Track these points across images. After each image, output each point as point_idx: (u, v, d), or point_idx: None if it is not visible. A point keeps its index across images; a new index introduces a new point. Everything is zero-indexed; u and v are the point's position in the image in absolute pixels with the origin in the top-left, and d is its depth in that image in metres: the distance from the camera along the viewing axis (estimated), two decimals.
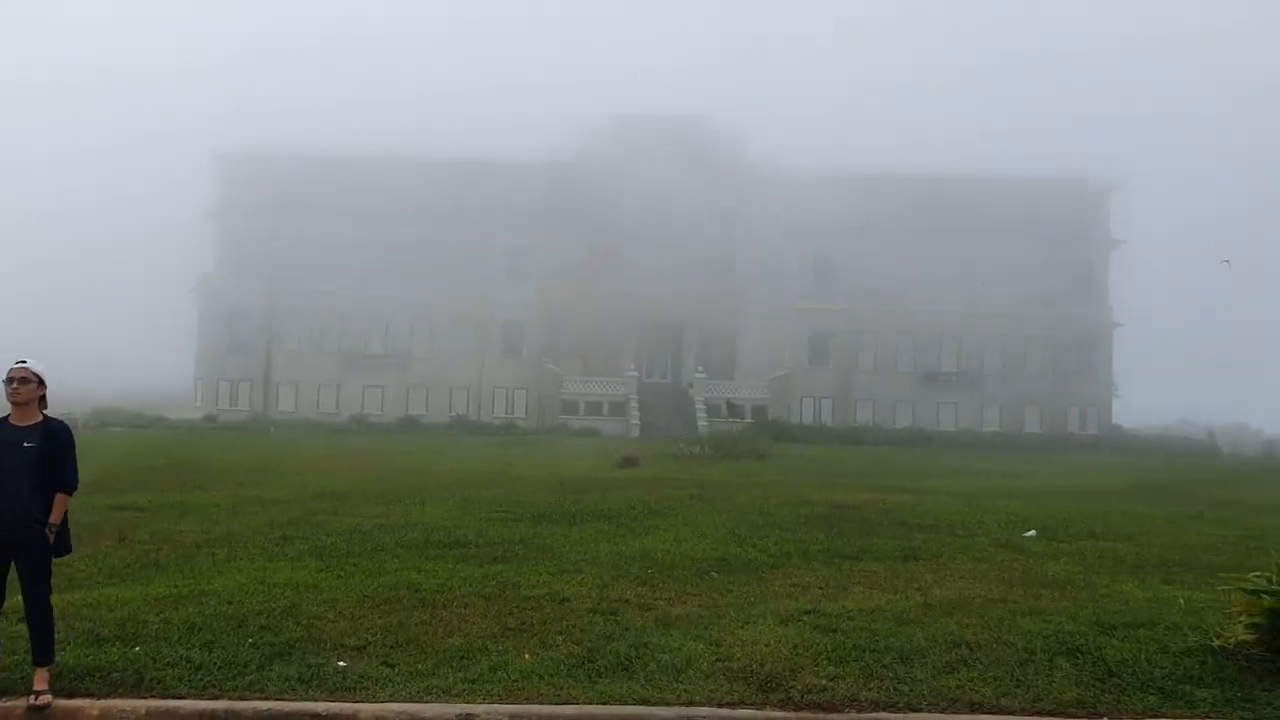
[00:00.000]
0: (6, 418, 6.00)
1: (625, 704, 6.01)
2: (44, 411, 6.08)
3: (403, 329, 57.58)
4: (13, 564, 5.94)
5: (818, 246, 57.67)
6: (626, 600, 8.40)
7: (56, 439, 6.03)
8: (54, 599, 7.64)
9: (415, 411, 54.97)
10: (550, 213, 57.69)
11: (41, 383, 6.03)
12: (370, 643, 7.07)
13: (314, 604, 8.08)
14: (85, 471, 15.92)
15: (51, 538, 5.95)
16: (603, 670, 6.57)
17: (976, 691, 6.28)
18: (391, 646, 7.00)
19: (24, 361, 6.00)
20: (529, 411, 54.89)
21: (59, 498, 6.01)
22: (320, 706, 5.89)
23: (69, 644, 6.69)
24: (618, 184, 55.75)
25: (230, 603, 8.00)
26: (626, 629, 7.51)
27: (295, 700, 5.96)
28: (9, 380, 5.94)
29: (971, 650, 7.06)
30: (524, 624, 7.62)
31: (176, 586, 8.64)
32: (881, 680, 6.43)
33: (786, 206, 56.91)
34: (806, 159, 75.60)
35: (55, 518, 5.96)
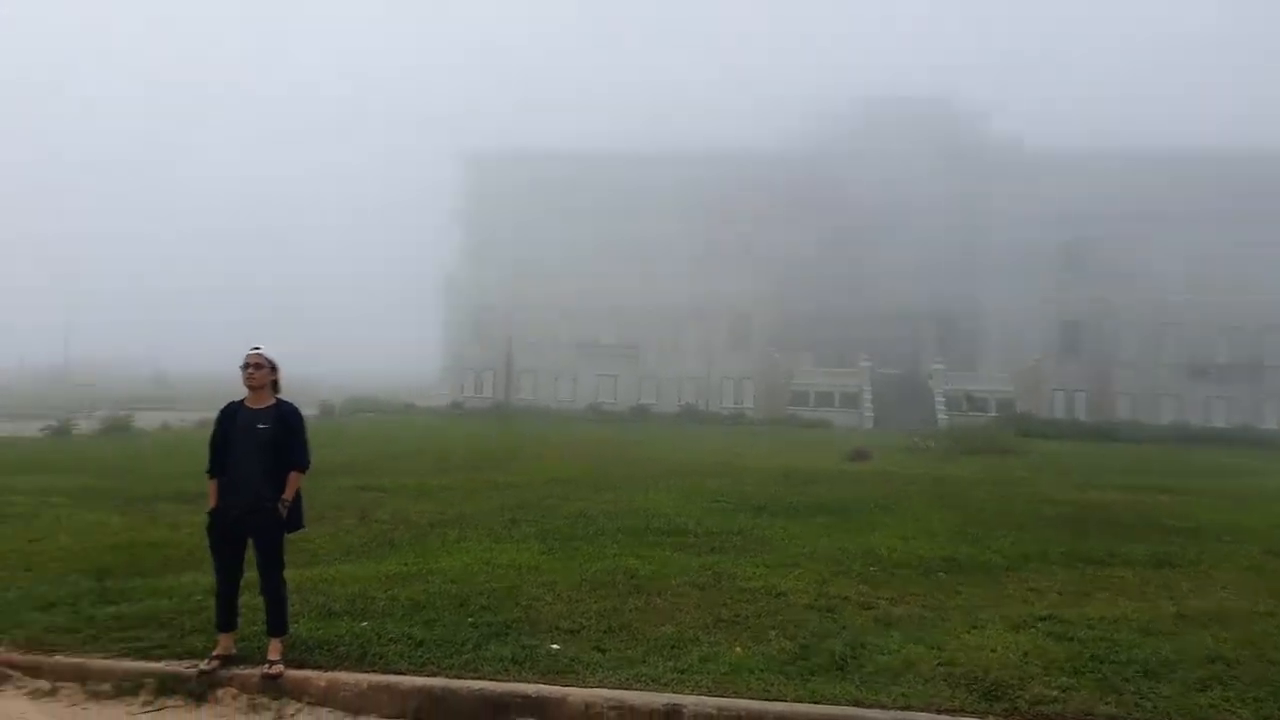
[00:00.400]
0: (243, 401, 6.34)
1: (837, 704, 5.73)
2: (277, 396, 6.39)
3: (636, 320, 58.55)
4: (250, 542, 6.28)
5: (1069, 230, 54.53)
6: (846, 597, 8.08)
7: (287, 421, 6.31)
8: (295, 574, 8.10)
9: (646, 400, 55.80)
10: (784, 202, 57.21)
11: (274, 368, 6.34)
12: (584, 627, 7.08)
13: (534, 585, 8.20)
14: (337, 455, 17.00)
15: (284, 514, 6.24)
16: (816, 668, 6.31)
17: (1232, 712, 5.63)
18: (605, 631, 6.99)
19: (258, 348, 6.33)
20: (757, 402, 54.62)
21: (292, 475, 6.30)
22: (531, 689, 5.92)
23: (303, 617, 7.04)
24: (856, 169, 54.64)
25: (454, 582, 8.22)
26: (844, 627, 7.21)
27: (508, 681, 6.01)
28: (245, 365, 6.27)
29: (1229, 667, 6.36)
30: (737, 616, 7.45)
31: (406, 565, 8.97)
32: (1121, 694, 5.87)
33: (1035, 188, 54.14)
34: (1056, 137, 71.54)
35: (288, 494, 6.26)
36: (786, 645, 6.75)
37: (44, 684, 6.09)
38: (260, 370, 6.27)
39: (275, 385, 6.39)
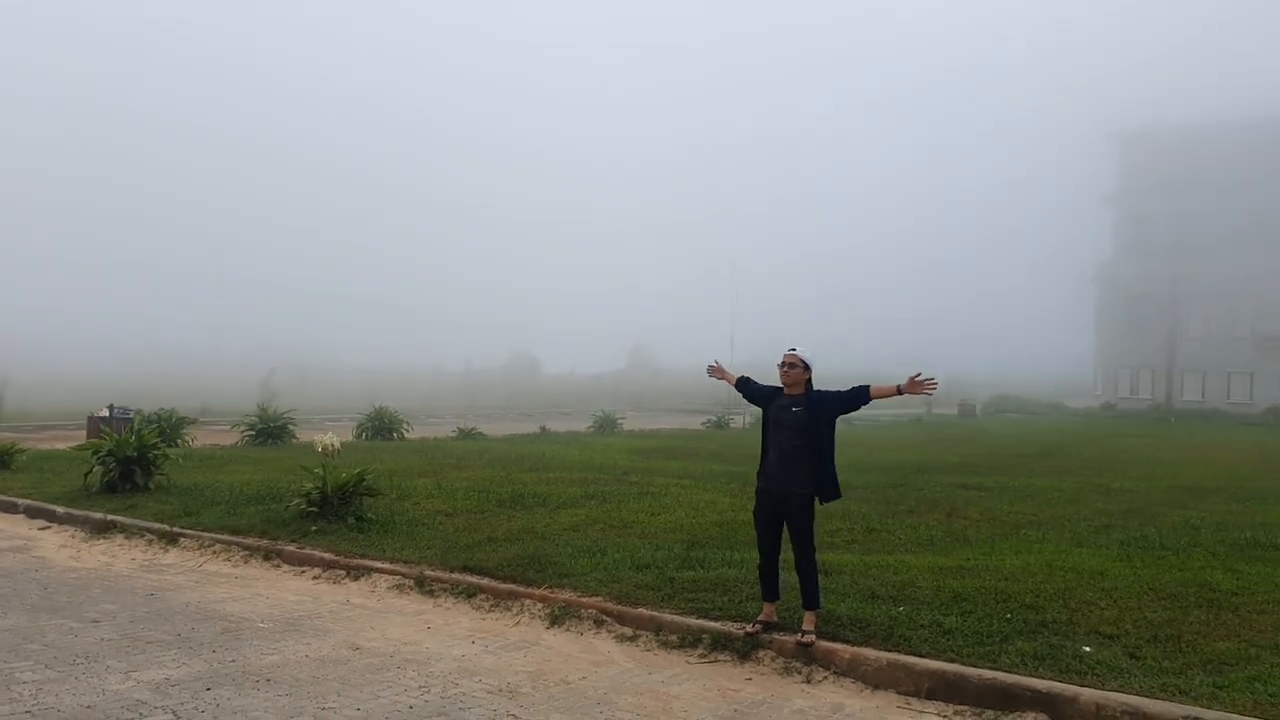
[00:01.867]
0: (781, 390, 7.08)
1: None
2: (808, 389, 7.03)
3: None
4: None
5: None
6: None
7: (816, 401, 6.91)
8: (855, 559, 8.80)
9: None
10: None
11: (807, 368, 7.00)
12: (1126, 634, 6.79)
13: (1091, 590, 7.95)
14: (953, 454, 17.66)
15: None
16: None
17: None
18: (1148, 640, 6.65)
19: (795, 349, 7.04)
20: None
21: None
22: (1042, 684, 5.90)
23: (848, 597, 7.62)
24: None
25: (1007, 579, 8.25)
26: None
27: (1021, 674, 6.05)
28: (781, 364, 7.02)
29: None
30: None
31: (967, 560, 9.15)
32: None
33: None
34: None
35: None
36: None
37: (627, 630, 7.38)
38: (795, 369, 6.97)
39: (809, 384, 7.04)
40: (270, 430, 22.33)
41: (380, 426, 25.09)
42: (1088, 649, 6.47)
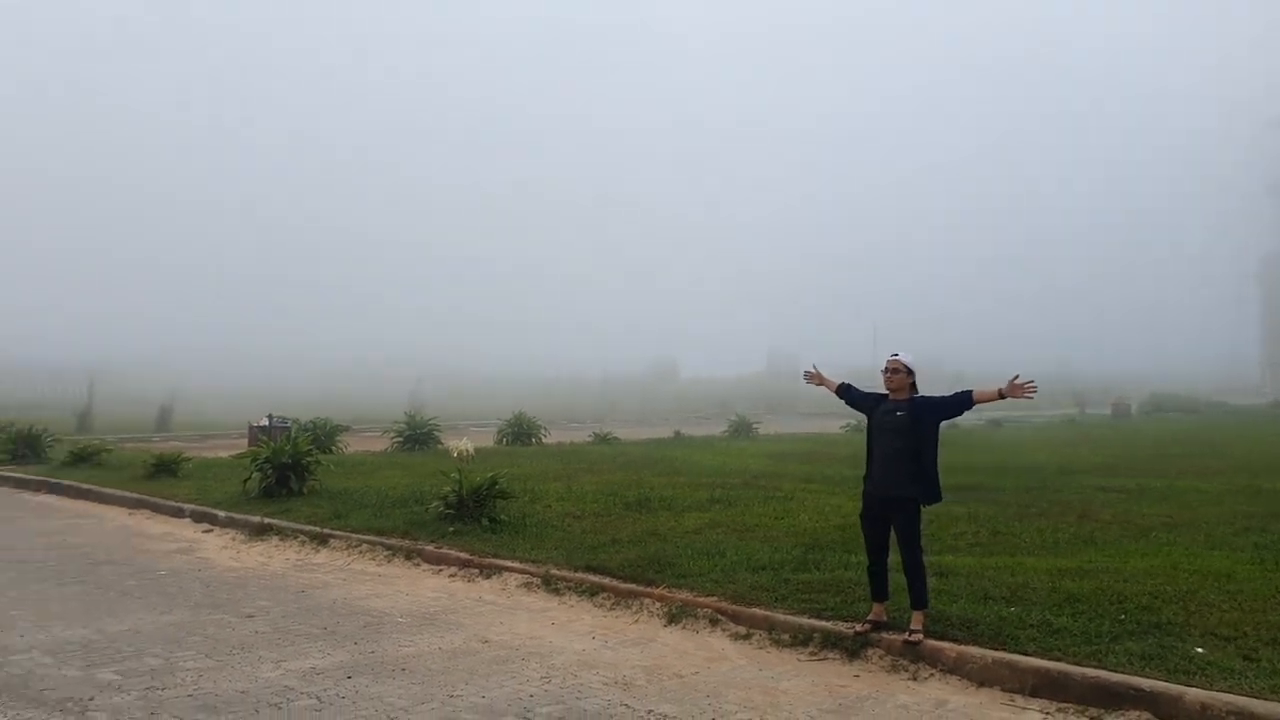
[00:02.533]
0: (886, 395, 7.26)
1: None
2: (912, 394, 7.18)
3: None
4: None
5: None
6: None
7: (925, 405, 7.06)
8: (974, 561, 8.89)
9: None
10: None
11: (910, 372, 7.15)
12: (1243, 635, 6.71)
13: (1214, 592, 7.84)
14: (1095, 455, 17.43)
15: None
16: None
17: None
18: (1266, 643, 6.56)
19: (897, 354, 7.20)
20: None
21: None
22: (1146, 683, 5.92)
23: (961, 598, 7.71)
24: None
25: (1126, 581, 8.19)
26: None
27: (1127, 674, 6.08)
28: (884, 369, 7.19)
29: None
30: None
31: (1089, 561, 9.08)
32: None
33: None
34: None
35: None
36: None
37: (741, 629, 7.64)
38: (897, 375, 7.14)
39: (914, 387, 7.20)
40: (417, 436, 23.38)
41: (519, 432, 25.91)
42: (1200, 650, 6.44)
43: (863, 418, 7.53)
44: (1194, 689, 5.79)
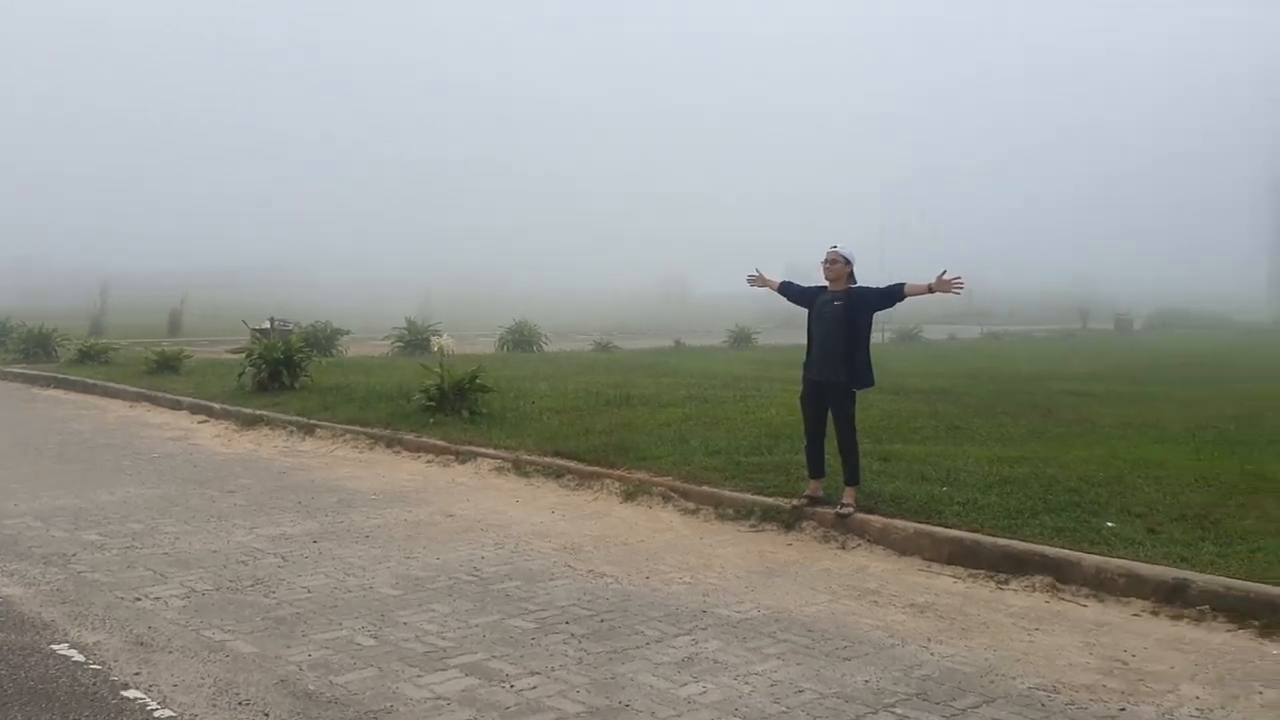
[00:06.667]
0: (824, 288, 7.60)
1: None
2: (850, 284, 7.51)
3: None
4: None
5: None
6: None
7: (862, 297, 7.41)
8: (922, 449, 9.27)
9: None
10: None
11: (848, 263, 7.47)
12: (1154, 513, 7.13)
13: (1143, 479, 8.23)
14: (1084, 365, 17.76)
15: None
16: None
17: None
18: (1174, 519, 6.98)
19: (836, 246, 7.52)
20: None
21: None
22: (1052, 551, 6.36)
23: (899, 479, 8.15)
24: None
25: (1062, 467, 8.60)
26: None
27: (1035, 543, 6.51)
28: (824, 260, 7.51)
29: None
30: None
31: (1033, 452, 9.47)
32: None
33: None
34: None
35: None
36: None
37: (690, 505, 8.10)
38: (835, 265, 7.46)
39: (851, 277, 7.52)
40: (418, 341, 23.84)
41: (520, 340, 26.35)
42: (1110, 524, 6.86)
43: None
44: (1093, 555, 6.23)
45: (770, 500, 7.80)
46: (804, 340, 7.73)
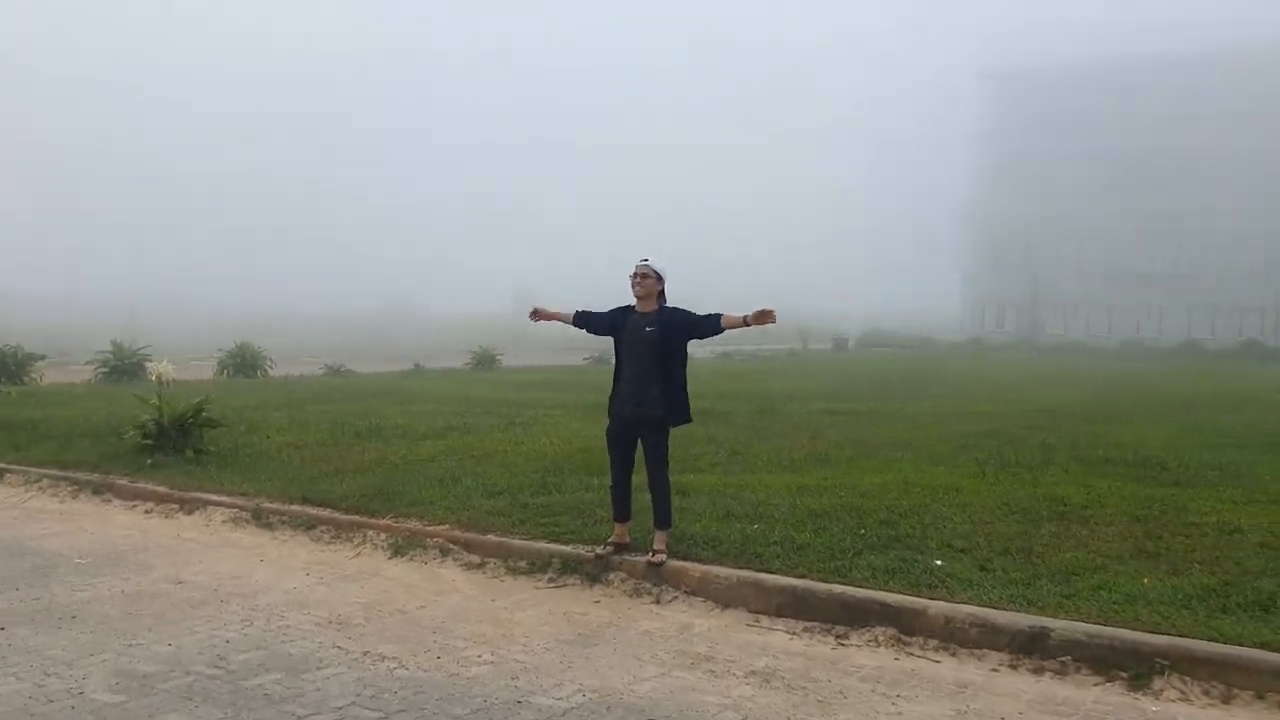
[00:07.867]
0: (631, 307, 6.78)
1: (1238, 644, 4.95)
2: (661, 304, 6.73)
3: (1184, 242, 52.66)
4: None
5: None
6: None
7: (672, 319, 6.62)
8: (717, 480, 8.62)
9: (1199, 335, 50.15)
10: None
11: (660, 279, 6.68)
12: (978, 547, 6.74)
13: (946, 506, 7.91)
14: (825, 384, 17.56)
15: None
16: (1230, 606, 5.49)
17: None
18: (999, 553, 6.60)
19: (647, 260, 6.71)
20: None
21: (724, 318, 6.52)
22: (891, 598, 5.78)
23: (705, 517, 7.43)
24: None
25: (863, 496, 8.18)
26: None
27: (870, 589, 5.93)
28: (633, 275, 6.69)
29: None
30: (1163, 549, 6.66)
31: (827, 479, 9.04)
32: None
33: None
34: None
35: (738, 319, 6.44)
36: (1206, 580, 5.93)
37: (474, 558, 7.04)
38: (647, 280, 6.64)
39: (662, 295, 6.74)
40: (125, 367, 21.24)
41: (243, 364, 24.09)
42: (939, 562, 6.39)
43: (608, 350, 6.96)
44: (937, 602, 5.69)
45: (568, 549, 6.86)
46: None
